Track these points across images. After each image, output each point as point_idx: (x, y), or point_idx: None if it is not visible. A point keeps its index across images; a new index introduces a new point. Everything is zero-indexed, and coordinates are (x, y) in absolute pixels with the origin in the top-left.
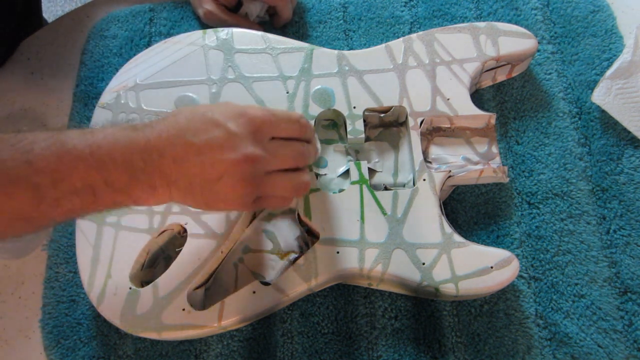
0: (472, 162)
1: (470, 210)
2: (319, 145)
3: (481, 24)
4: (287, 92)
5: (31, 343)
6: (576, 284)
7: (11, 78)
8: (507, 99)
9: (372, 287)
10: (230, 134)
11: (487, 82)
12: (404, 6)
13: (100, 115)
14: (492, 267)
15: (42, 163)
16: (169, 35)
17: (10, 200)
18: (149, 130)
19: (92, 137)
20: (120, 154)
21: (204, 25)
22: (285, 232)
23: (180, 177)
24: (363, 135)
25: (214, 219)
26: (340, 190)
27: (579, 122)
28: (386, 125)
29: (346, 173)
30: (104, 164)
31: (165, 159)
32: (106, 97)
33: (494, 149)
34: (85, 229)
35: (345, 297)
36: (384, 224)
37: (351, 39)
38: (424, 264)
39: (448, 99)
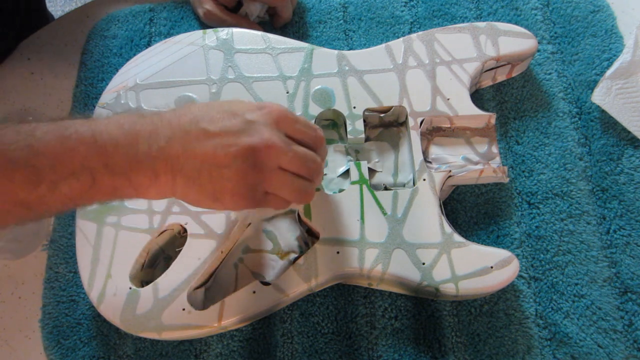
0: (472, 162)
1: (470, 210)
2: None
3: (481, 24)
4: (287, 92)
5: (31, 343)
6: (576, 284)
7: (11, 78)
8: (507, 99)
9: (372, 287)
10: (248, 121)
11: (487, 82)
12: (404, 6)
13: (100, 115)
14: (492, 267)
15: (42, 145)
16: (169, 35)
17: (9, 182)
18: (157, 117)
19: (96, 123)
20: (123, 137)
21: (204, 25)
22: (285, 232)
23: (188, 162)
24: (363, 135)
25: (214, 219)
26: (340, 190)
27: (579, 122)
28: (386, 125)
29: (346, 173)
30: (104, 147)
31: (174, 144)
32: (106, 97)
33: (494, 149)
34: (85, 229)
35: (345, 297)
36: (384, 224)
37: (351, 39)
38: (424, 264)
39: (448, 99)
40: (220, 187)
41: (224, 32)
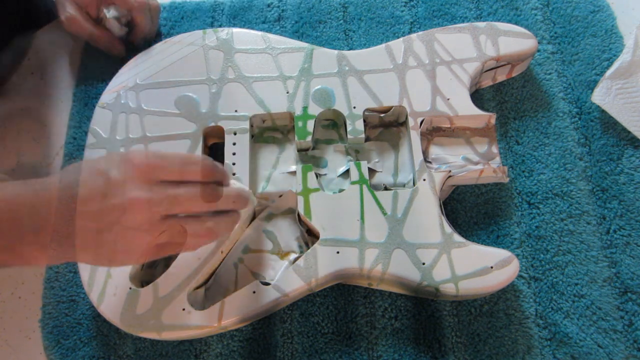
0: (472, 162)
1: (470, 210)
2: (251, 195)
3: (481, 24)
4: (287, 92)
5: (31, 343)
6: (576, 284)
7: (11, 78)
8: (507, 99)
9: (372, 287)
10: (110, 180)
11: (487, 82)
12: (404, 6)
13: (100, 115)
14: (492, 267)
15: None
16: (169, 35)
17: None
18: (39, 185)
19: None
20: (6, 212)
21: (204, 25)
22: (285, 232)
23: (71, 232)
24: (363, 135)
25: None
26: (340, 190)
27: (579, 122)
28: (386, 125)
29: (346, 173)
30: None
31: (54, 215)
32: (106, 97)
33: (494, 149)
34: None
35: (345, 297)
36: (384, 224)
37: (351, 39)
38: (424, 264)
39: (448, 99)
40: (109, 250)
41: (224, 32)
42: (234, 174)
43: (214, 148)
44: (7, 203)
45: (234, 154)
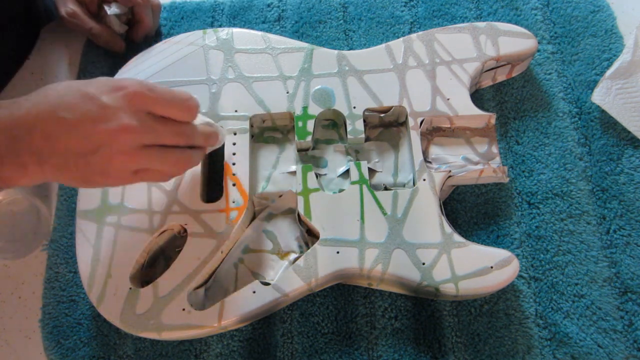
0: (472, 162)
1: (470, 210)
2: (222, 131)
3: (481, 24)
4: (287, 92)
5: (31, 343)
6: (576, 284)
7: (11, 78)
8: (507, 99)
9: (372, 287)
10: (103, 106)
11: (487, 82)
12: (404, 6)
13: None
14: (492, 267)
15: None
16: (169, 35)
17: None
18: (16, 107)
19: None
20: None
21: (205, 25)
22: (285, 232)
23: (53, 154)
24: (363, 135)
25: (214, 219)
26: (340, 190)
27: (579, 122)
28: (386, 125)
29: (346, 173)
30: None
31: (35, 136)
32: None
33: (494, 149)
34: (85, 229)
35: (345, 297)
36: (384, 224)
37: (351, 39)
38: (424, 264)
39: (448, 99)
40: (89, 171)
41: (224, 32)
42: (233, 174)
43: None
44: None
45: (234, 154)
